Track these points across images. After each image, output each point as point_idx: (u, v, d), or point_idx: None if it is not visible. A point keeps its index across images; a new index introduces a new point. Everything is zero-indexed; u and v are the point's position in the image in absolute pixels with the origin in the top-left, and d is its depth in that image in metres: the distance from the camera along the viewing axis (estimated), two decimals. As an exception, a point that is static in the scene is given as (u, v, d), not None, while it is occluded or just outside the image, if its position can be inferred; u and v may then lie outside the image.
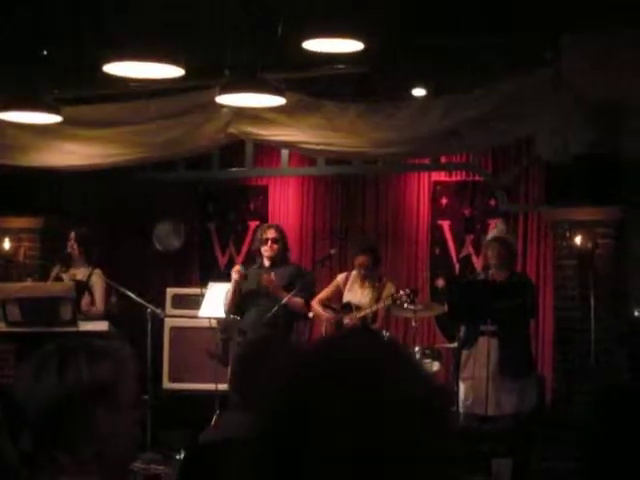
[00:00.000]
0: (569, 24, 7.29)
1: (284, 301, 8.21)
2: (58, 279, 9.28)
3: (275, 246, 8.44)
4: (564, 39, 7.43)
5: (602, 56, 7.20)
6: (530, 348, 8.40)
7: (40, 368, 2.43)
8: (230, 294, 8.51)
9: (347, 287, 8.88)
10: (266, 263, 8.51)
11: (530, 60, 7.89)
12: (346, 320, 8.67)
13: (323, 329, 8.85)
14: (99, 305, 9.23)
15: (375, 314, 8.71)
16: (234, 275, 8.47)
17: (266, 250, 8.45)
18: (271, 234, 8.47)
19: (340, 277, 9.02)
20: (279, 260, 8.50)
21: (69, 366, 2.41)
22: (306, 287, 8.43)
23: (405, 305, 8.48)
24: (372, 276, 8.83)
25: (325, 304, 8.90)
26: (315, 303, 8.83)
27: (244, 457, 1.28)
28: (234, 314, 8.57)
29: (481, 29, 7.67)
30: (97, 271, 9.23)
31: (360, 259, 8.84)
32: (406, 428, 1.23)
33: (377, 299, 8.68)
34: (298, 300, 8.37)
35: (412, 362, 1.32)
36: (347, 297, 8.86)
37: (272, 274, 8.37)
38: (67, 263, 9.37)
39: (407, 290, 8.58)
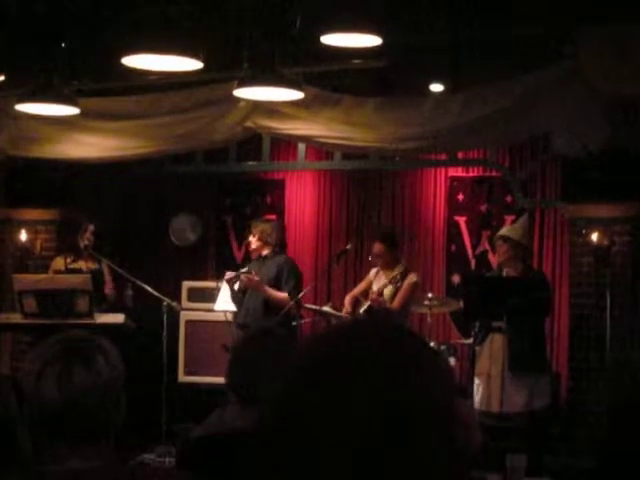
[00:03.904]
0: (586, 18, 7.27)
1: (265, 295, 8.54)
2: (70, 271, 9.30)
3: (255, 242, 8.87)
4: (581, 33, 7.41)
5: (620, 50, 7.16)
6: (543, 345, 8.32)
7: (59, 369, 2.47)
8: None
9: (375, 280, 8.85)
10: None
11: (547, 55, 7.86)
12: (362, 301, 8.73)
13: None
14: (109, 289, 9.38)
15: (394, 295, 8.63)
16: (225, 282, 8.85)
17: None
18: (250, 231, 8.96)
19: (372, 271, 8.98)
20: (265, 254, 8.79)
21: (94, 361, 2.49)
22: (287, 281, 8.59)
23: (398, 284, 8.52)
24: (389, 262, 8.78)
25: (358, 299, 8.89)
26: (347, 298, 8.91)
27: (242, 450, 1.28)
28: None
29: (498, 24, 7.66)
30: (106, 261, 9.33)
31: (373, 248, 8.85)
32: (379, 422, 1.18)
33: (397, 290, 8.63)
34: (276, 294, 8.51)
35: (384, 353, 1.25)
36: (373, 288, 8.81)
37: (252, 272, 8.70)
38: (76, 254, 9.40)
39: (398, 269, 8.62)
